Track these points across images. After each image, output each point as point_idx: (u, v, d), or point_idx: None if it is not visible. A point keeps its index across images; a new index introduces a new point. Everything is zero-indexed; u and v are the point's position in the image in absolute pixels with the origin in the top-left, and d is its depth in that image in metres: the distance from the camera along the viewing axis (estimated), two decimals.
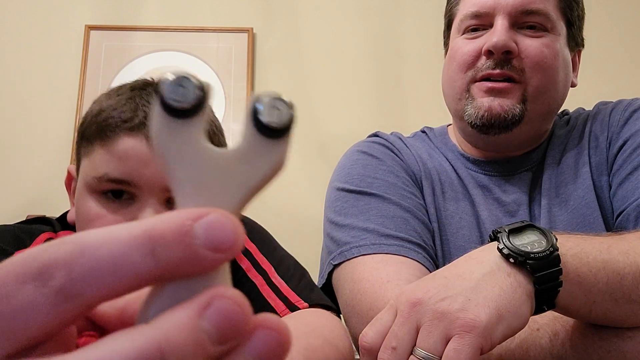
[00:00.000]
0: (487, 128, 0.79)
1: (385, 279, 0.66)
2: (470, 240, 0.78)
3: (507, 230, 0.53)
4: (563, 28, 0.83)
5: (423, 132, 0.95)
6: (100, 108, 0.68)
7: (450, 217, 0.80)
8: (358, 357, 0.54)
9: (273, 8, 1.99)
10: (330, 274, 0.76)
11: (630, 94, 0.89)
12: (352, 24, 1.99)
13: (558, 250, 0.51)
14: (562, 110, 0.91)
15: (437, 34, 0.95)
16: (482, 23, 0.81)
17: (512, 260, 0.51)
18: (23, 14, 1.92)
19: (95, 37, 1.90)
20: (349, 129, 1.76)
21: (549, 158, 0.84)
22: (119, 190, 0.65)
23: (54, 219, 0.77)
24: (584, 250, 0.54)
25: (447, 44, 0.90)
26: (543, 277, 0.50)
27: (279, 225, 1.07)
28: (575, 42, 0.86)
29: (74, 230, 0.73)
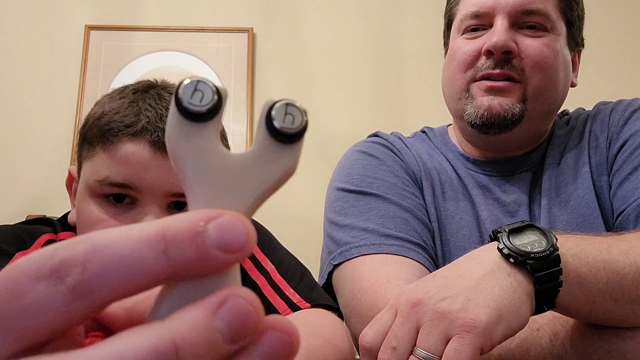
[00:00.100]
0: (487, 127, 0.79)
1: (385, 279, 0.66)
2: (470, 240, 0.78)
3: (507, 230, 0.53)
4: (563, 28, 0.83)
5: (423, 132, 0.95)
6: (103, 111, 0.68)
7: (450, 217, 0.80)
8: (358, 357, 0.54)
9: (273, 8, 1.99)
10: (331, 274, 0.76)
11: (630, 94, 0.89)
12: (352, 24, 1.99)
13: (558, 250, 0.51)
14: (562, 110, 0.91)
15: (437, 34, 0.95)
16: (482, 23, 0.81)
17: (512, 260, 0.51)
18: (23, 14, 1.92)
19: (95, 37, 1.90)
20: (349, 129, 1.76)
21: (549, 158, 0.84)
22: (121, 195, 0.65)
23: (55, 220, 0.77)
24: (584, 250, 0.54)
25: (447, 44, 0.90)
26: (543, 277, 0.50)
27: (279, 225, 1.07)
28: (575, 42, 0.86)
29: (75, 232, 0.73)
